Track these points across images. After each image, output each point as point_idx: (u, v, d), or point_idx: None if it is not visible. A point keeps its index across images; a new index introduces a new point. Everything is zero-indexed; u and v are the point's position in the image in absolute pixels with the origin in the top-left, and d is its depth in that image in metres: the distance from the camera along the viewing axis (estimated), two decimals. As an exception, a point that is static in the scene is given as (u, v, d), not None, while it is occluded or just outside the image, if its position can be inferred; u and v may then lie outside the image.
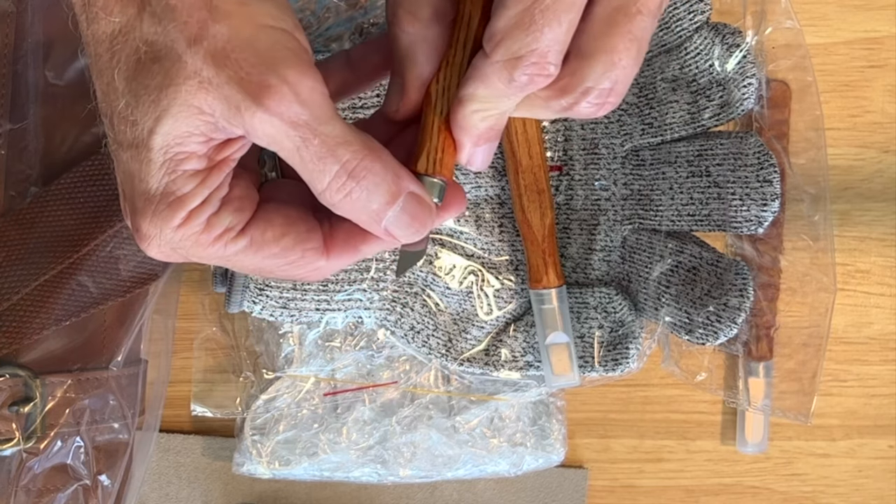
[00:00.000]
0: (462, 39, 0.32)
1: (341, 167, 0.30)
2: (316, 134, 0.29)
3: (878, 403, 0.53)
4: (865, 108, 0.52)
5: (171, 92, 0.29)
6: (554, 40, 0.29)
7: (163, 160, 0.30)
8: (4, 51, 0.45)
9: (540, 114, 0.32)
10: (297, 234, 0.32)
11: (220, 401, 0.53)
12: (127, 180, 0.31)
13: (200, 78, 0.29)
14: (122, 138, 0.30)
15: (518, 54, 0.29)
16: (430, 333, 0.48)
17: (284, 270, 0.33)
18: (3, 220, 0.44)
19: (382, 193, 0.31)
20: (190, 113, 0.29)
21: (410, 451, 0.51)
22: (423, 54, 0.32)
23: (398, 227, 0.32)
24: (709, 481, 0.54)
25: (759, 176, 0.44)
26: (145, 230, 0.31)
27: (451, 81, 0.33)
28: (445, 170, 0.33)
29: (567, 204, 0.49)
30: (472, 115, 0.32)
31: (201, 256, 0.32)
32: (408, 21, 0.32)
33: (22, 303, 0.44)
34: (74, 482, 0.46)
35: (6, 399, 0.44)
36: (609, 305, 0.47)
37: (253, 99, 0.29)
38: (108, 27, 0.30)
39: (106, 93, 0.30)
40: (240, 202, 0.32)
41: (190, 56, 0.29)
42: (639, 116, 0.47)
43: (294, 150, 0.30)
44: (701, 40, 0.45)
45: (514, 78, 0.30)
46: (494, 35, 0.29)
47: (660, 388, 0.53)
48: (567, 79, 0.30)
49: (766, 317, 0.50)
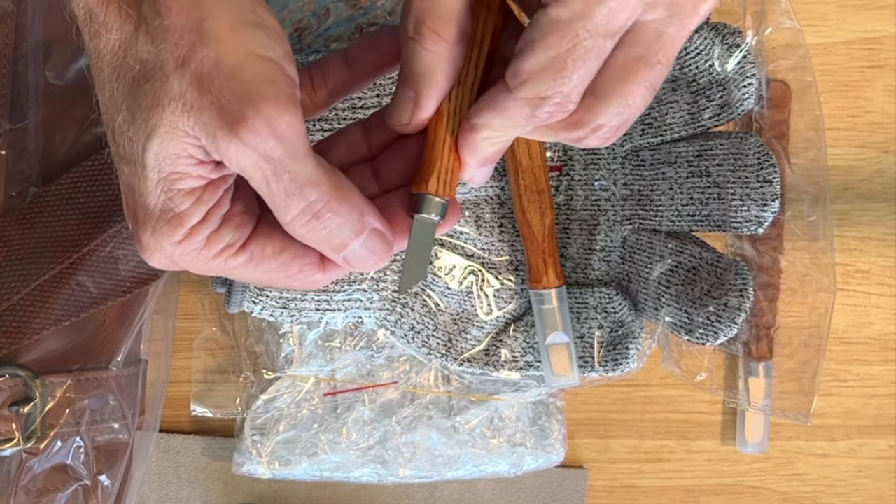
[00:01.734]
0: (474, 59, 0.33)
1: (307, 206, 0.30)
2: (287, 170, 0.30)
3: (878, 403, 0.53)
4: (865, 108, 0.52)
5: (157, 112, 0.29)
6: (579, 84, 0.30)
7: (157, 178, 0.30)
8: (4, 51, 0.45)
9: (544, 138, 0.33)
10: (296, 249, 0.33)
11: (220, 401, 0.53)
12: (129, 193, 0.31)
13: (185, 100, 0.29)
14: (123, 152, 0.31)
15: (543, 95, 0.30)
16: (430, 333, 0.48)
17: (283, 282, 0.34)
18: (3, 220, 0.44)
19: (345, 231, 0.31)
20: (175, 135, 0.29)
21: (410, 451, 0.51)
22: (442, 73, 0.32)
23: (356, 259, 0.32)
24: (709, 481, 0.54)
25: (759, 176, 0.44)
26: (146, 243, 0.31)
27: (462, 101, 0.33)
28: (452, 190, 0.33)
29: (567, 204, 0.49)
30: (483, 142, 0.32)
31: (202, 269, 0.32)
32: (433, 40, 0.31)
33: (22, 303, 0.44)
34: (74, 482, 0.46)
35: (6, 399, 0.44)
36: (609, 305, 0.47)
37: (229, 128, 0.29)
38: (109, 43, 0.30)
39: (108, 105, 0.31)
40: (241, 218, 0.32)
41: (177, 78, 0.29)
42: (639, 116, 0.47)
43: (263, 183, 0.30)
44: (701, 40, 0.45)
45: (535, 115, 0.30)
46: (520, 73, 0.30)
47: (660, 388, 0.53)
48: (581, 114, 0.31)
49: (766, 317, 0.50)
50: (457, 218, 0.35)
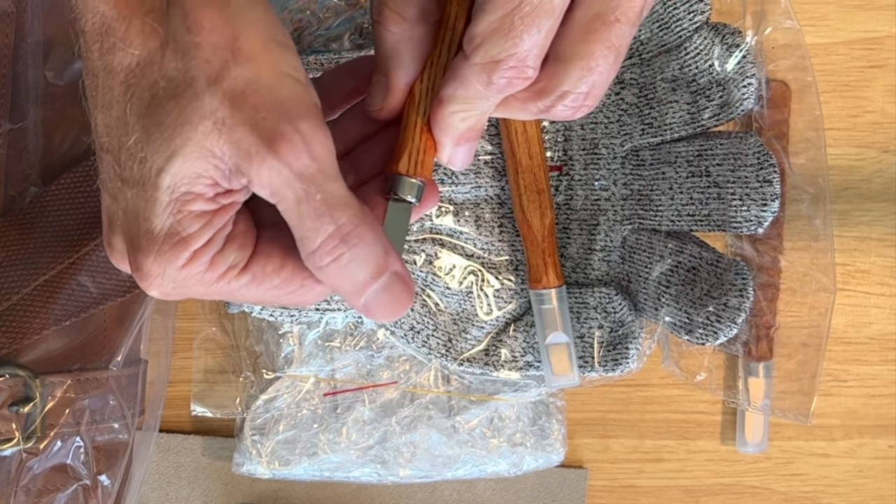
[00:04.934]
0: (447, 40, 0.33)
1: (336, 229, 0.30)
2: (319, 190, 0.29)
3: (878, 403, 0.53)
4: (865, 108, 0.52)
5: (185, 130, 0.28)
6: (533, 45, 0.29)
7: (169, 199, 0.29)
8: (4, 51, 0.45)
9: (517, 115, 0.33)
10: (295, 263, 0.32)
11: (220, 401, 0.53)
12: (129, 218, 0.30)
13: (215, 119, 0.28)
14: (129, 175, 0.30)
15: (497, 58, 0.30)
16: (430, 333, 0.48)
17: (284, 300, 0.33)
18: (3, 220, 0.44)
19: (370, 265, 0.31)
20: (201, 154, 0.29)
21: (410, 451, 0.51)
22: (408, 54, 0.32)
23: (378, 305, 0.32)
24: (709, 481, 0.54)
25: (759, 176, 0.44)
26: (148, 269, 0.30)
27: (434, 82, 0.33)
28: (426, 170, 0.33)
29: (567, 204, 0.49)
30: (451, 116, 0.32)
31: (204, 294, 0.32)
32: (393, 20, 0.32)
33: (22, 303, 0.44)
34: (74, 482, 0.46)
35: (6, 399, 0.44)
36: (609, 305, 0.47)
37: (266, 144, 0.28)
38: (126, 59, 0.29)
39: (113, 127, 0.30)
40: (243, 238, 0.32)
41: (208, 95, 0.28)
42: (639, 116, 0.47)
43: (294, 203, 0.29)
44: (701, 40, 0.45)
45: (492, 81, 0.30)
46: (474, 38, 0.30)
47: (660, 388, 0.53)
48: (545, 82, 0.31)
49: (766, 317, 0.50)
50: (435, 200, 0.35)
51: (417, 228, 0.48)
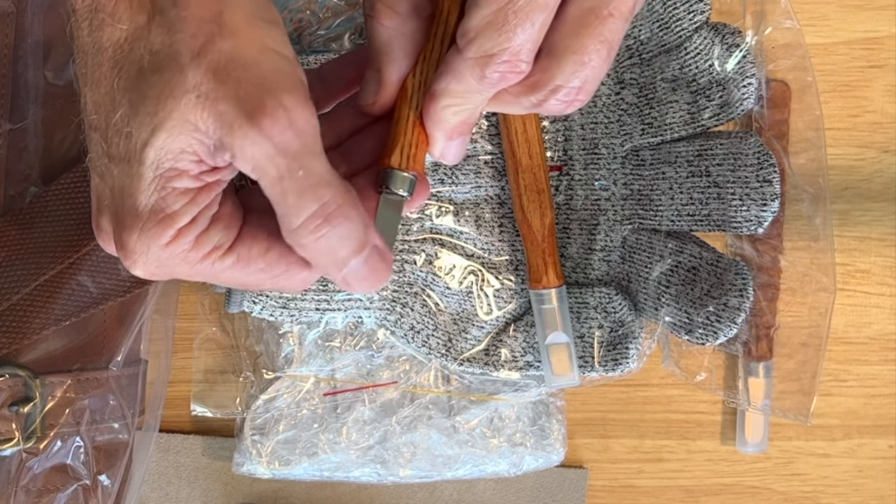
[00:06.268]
0: (440, 35, 0.33)
1: (320, 207, 0.30)
2: (302, 166, 0.29)
3: (878, 403, 0.53)
4: (865, 108, 0.52)
5: (169, 104, 0.28)
6: (526, 39, 0.29)
7: (153, 176, 0.29)
8: (4, 51, 0.45)
9: (510, 109, 0.33)
10: (281, 247, 0.32)
11: (220, 401, 0.53)
12: (116, 196, 0.30)
13: (199, 92, 0.28)
14: (115, 151, 0.30)
15: (490, 52, 0.30)
16: (430, 333, 0.48)
17: (268, 283, 0.33)
18: (3, 220, 0.44)
19: (352, 242, 0.31)
20: (184, 129, 0.29)
21: (410, 451, 0.51)
22: (400, 49, 0.32)
23: (356, 278, 0.32)
24: (709, 481, 0.54)
25: (759, 176, 0.44)
26: (132, 246, 0.30)
27: (427, 76, 0.33)
28: (418, 165, 0.33)
29: (567, 204, 0.49)
30: (444, 110, 0.32)
31: (188, 274, 0.32)
32: (386, 15, 0.32)
33: (22, 303, 0.44)
34: (74, 482, 0.46)
35: (6, 399, 0.44)
36: (609, 305, 0.47)
37: (248, 117, 0.28)
38: (115, 34, 0.29)
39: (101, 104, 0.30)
40: (229, 219, 0.32)
41: (192, 69, 0.28)
42: (639, 116, 0.47)
43: (277, 180, 0.29)
44: (701, 40, 0.45)
45: (485, 75, 0.30)
46: (468, 32, 0.30)
47: (660, 388, 0.53)
48: (537, 76, 0.31)
49: (765, 317, 0.50)
50: (426, 194, 0.35)
51: (417, 228, 0.48)
